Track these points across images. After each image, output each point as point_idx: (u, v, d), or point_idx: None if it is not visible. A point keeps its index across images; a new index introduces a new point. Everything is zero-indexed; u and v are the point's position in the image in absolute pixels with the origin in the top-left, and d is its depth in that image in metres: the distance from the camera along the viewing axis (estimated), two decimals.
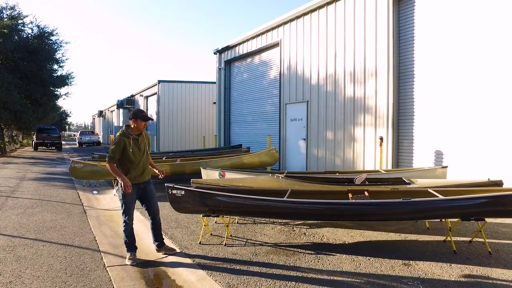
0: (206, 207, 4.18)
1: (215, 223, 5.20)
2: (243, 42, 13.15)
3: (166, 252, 3.98)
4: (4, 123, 21.26)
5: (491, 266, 3.47)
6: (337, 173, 6.41)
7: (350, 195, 4.50)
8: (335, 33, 9.12)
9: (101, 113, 45.59)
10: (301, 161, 10.37)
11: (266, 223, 5.16)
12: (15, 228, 5.09)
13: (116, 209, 6.47)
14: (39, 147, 25.31)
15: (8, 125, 22.63)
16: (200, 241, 4.36)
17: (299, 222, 5.13)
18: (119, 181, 3.71)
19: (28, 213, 5.99)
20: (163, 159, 9.40)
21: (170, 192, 4.18)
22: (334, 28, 9.15)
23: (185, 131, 21.52)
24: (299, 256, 3.82)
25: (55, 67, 22.61)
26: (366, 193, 4.49)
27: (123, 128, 3.80)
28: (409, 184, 4.95)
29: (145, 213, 4.32)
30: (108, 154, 3.67)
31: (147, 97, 24.89)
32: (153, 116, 23.53)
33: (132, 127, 3.79)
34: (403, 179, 5.22)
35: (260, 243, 4.30)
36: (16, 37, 19.10)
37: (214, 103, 17.67)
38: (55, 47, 21.68)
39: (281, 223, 5.14)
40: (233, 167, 8.37)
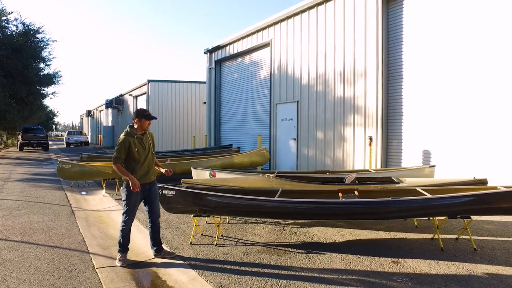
0: (196, 207, 4.17)
1: (205, 223, 5.19)
2: (234, 42, 13.14)
3: (165, 257, 3.85)
4: None
5: (476, 262, 3.56)
6: (327, 173, 6.46)
7: (340, 195, 4.54)
8: (325, 34, 9.19)
9: (89, 113, 44.91)
10: (291, 160, 10.41)
11: (257, 223, 5.17)
12: None
13: (105, 210, 6.39)
14: (24, 148, 24.75)
15: None
16: (191, 241, 4.34)
17: (289, 222, 5.15)
18: (124, 181, 3.68)
19: (13, 215, 5.86)
20: None
21: (161, 192, 4.15)
22: (324, 29, 9.22)
23: (175, 131, 21.37)
24: (290, 255, 3.84)
25: (42, 65, 22.23)
26: (356, 192, 4.54)
27: (127, 128, 3.76)
28: (398, 183, 5.03)
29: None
30: (114, 154, 3.64)
31: (136, 96, 24.63)
32: None
33: (136, 126, 3.74)
34: (392, 178, 5.31)
35: (251, 242, 4.31)
36: None
37: (205, 103, 17.58)
38: (41, 45, 21.29)
39: (272, 222, 5.16)
40: (224, 167, 8.36)
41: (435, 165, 6.26)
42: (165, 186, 4.15)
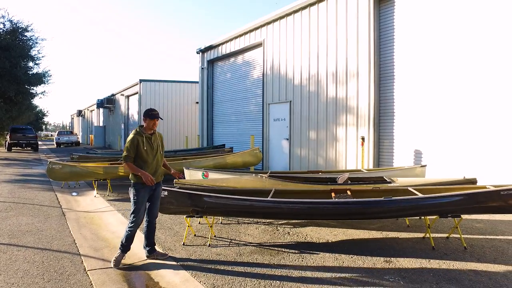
0: (189, 207, 4.14)
1: (198, 223, 5.16)
2: (226, 41, 13.11)
3: (158, 258, 3.83)
4: None
5: (466, 260, 3.61)
6: (320, 173, 6.49)
7: (333, 195, 4.57)
8: (318, 34, 9.23)
9: (80, 113, 44.35)
10: (284, 161, 10.43)
11: (250, 223, 5.16)
12: None
13: (97, 211, 6.31)
14: (13, 148, 24.31)
15: None
16: (183, 242, 4.31)
17: (282, 222, 5.16)
18: (132, 181, 3.69)
19: (1, 217, 5.74)
20: None
21: None
22: (317, 29, 9.26)
23: (167, 131, 21.22)
24: (283, 256, 3.85)
25: (31, 64, 21.86)
26: (349, 192, 4.57)
27: (137, 128, 3.83)
28: (390, 183, 5.08)
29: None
30: (123, 153, 3.67)
31: (128, 96, 24.40)
32: (134, 115, 23.10)
33: (145, 126, 3.81)
34: (384, 178, 5.35)
35: (244, 243, 4.30)
36: None
37: (197, 102, 17.50)
38: (30, 43, 20.94)
39: (265, 222, 5.16)
40: (216, 167, 8.33)
41: (426, 165, 6.34)
42: None
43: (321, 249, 4.03)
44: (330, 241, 4.35)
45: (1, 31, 19.50)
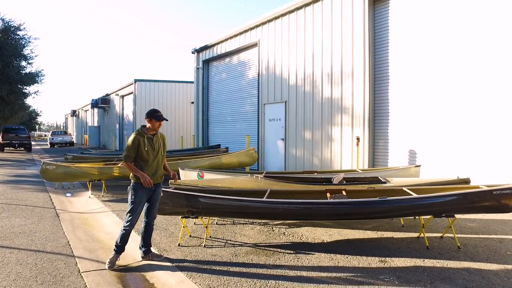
0: (185, 208, 4.13)
1: (194, 224, 5.15)
2: (222, 42, 13.09)
3: (153, 259, 3.80)
4: None
5: (460, 259, 3.65)
6: (315, 173, 6.51)
7: (329, 195, 4.58)
8: (313, 35, 9.26)
9: (74, 113, 43.98)
10: (279, 161, 10.44)
11: (246, 224, 5.16)
12: None
13: (91, 212, 6.26)
14: (5, 148, 24.03)
15: None
16: (179, 243, 4.29)
17: (278, 222, 5.16)
18: (131, 180, 3.67)
19: None
20: None
21: None
22: (312, 30, 9.28)
23: (162, 131, 21.01)
24: (279, 256, 3.85)
25: (23, 63, 21.61)
26: (344, 193, 4.59)
27: (138, 128, 3.82)
28: (385, 183, 5.11)
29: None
30: (124, 153, 3.64)
31: (123, 96, 24.25)
32: (129, 115, 22.96)
33: (147, 126, 3.78)
34: (379, 178, 5.38)
35: (240, 243, 4.30)
36: None
37: (192, 102, 17.45)
38: (23, 42, 20.70)
39: (260, 223, 5.16)
40: (212, 167, 8.31)
41: (421, 165, 6.38)
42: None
43: (316, 249, 4.04)
44: (325, 241, 4.36)
45: None
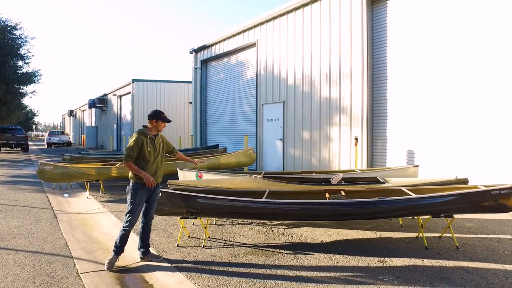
0: (183, 209, 4.12)
1: (192, 225, 5.13)
2: (220, 42, 13.07)
3: (152, 260, 3.79)
4: None
5: (459, 259, 3.66)
6: (314, 173, 6.51)
7: (327, 195, 4.58)
8: (311, 35, 9.26)
9: (71, 113, 43.81)
10: (278, 161, 10.44)
11: (244, 224, 5.15)
12: None
13: (89, 213, 6.23)
14: (2, 149, 23.90)
15: None
16: (178, 244, 4.28)
17: (277, 222, 5.16)
18: (130, 180, 3.67)
19: None
20: None
21: None
22: (310, 30, 9.28)
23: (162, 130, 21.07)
24: (278, 256, 3.85)
25: (20, 63, 21.50)
26: (343, 193, 4.59)
27: (141, 128, 3.79)
28: (384, 183, 5.12)
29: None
30: (125, 152, 3.61)
31: (120, 96, 24.18)
32: (127, 116, 22.90)
33: (150, 127, 3.77)
34: (377, 178, 5.39)
35: (239, 244, 4.29)
36: None
37: (190, 102, 17.42)
38: (20, 42, 20.58)
39: (259, 223, 5.15)
40: (210, 167, 8.30)
41: (419, 165, 6.40)
42: None
43: (315, 250, 4.04)
44: (324, 241, 4.36)
45: None
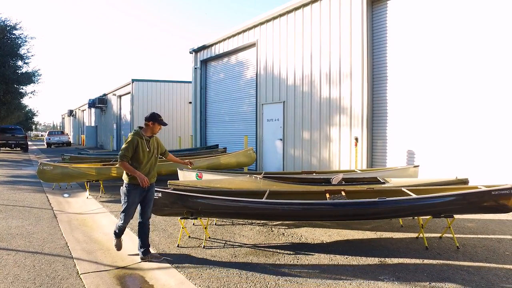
0: (184, 209, 4.12)
1: (193, 225, 5.13)
2: (220, 42, 13.06)
3: (152, 260, 3.79)
4: None
5: (459, 260, 3.66)
6: (314, 173, 6.51)
7: (328, 195, 4.58)
8: (311, 35, 9.26)
9: (71, 113, 43.77)
10: (278, 161, 10.44)
11: (245, 224, 5.15)
12: None
13: (89, 213, 6.23)
14: (2, 148, 23.87)
15: None
16: (178, 244, 4.28)
17: (277, 223, 5.16)
18: (124, 180, 3.74)
19: None
20: None
21: None
22: (310, 30, 9.28)
23: (160, 131, 21.01)
24: (278, 257, 3.85)
25: (20, 63, 21.49)
26: (343, 193, 4.59)
27: (136, 129, 3.86)
28: (384, 183, 5.12)
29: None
30: (120, 152, 3.68)
31: (120, 96, 24.16)
32: (126, 115, 22.89)
33: (146, 128, 3.85)
34: (378, 178, 5.39)
35: (239, 244, 4.29)
36: None
37: (190, 102, 17.41)
38: (19, 42, 20.56)
39: (259, 223, 5.15)
40: (210, 167, 8.30)
41: (419, 165, 6.40)
42: None
43: (316, 250, 4.04)
44: (324, 241, 4.36)
45: None
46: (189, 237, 4.58)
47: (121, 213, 3.79)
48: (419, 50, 7.19)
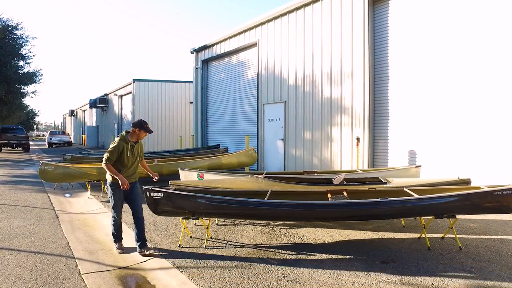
0: (185, 209, 4.11)
1: (194, 225, 5.13)
2: (221, 41, 13.06)
3: (147, 252, 3.98)
4: None
5: (461, 260, 3.65)
6: (316, 173, 6.50)
7: (329, 196, 4.57)
8: (312, 35, 9.25)
9: (72, 112, 43.83)
10: (279, 161, 10.43)
11: (246, 224, 5.14)
12: None
13: (91, 213, 6.23)
14: (3, 148, 23.93)
15: None
16: (180, 244, 4.28)
17: (278, 223, 5.15)
18: (107, 179, 4.08)
19: None
20: None
21: (149, 195, 4.08)
22: (312, 30, 9.27)
23: (161, 131, 21.08)
24: (280, 257, 3.83)
25: (21, 63, 21.49)
26: (345, 193, 4.58)
27: (123, 133, 4.11)
28: (386, 183, 5.10)
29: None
30: (106, 155, 3.93)
31: (121, 96, 24.18)
32: (127, 115, 22.91)
33: (132, 134, 4.10)
34: (380, 178, 5.37)
35: (241, 244, 4.28)
36: None
37: (191, 102, 17.41)
38: (21, 42, 20.58)
39: (261, 224, 5.14)
40: (211, 167, 8.30)
41: (421, 165, 6.38)
42: (153, 188, 4.08)
43: (317, 250, 4.03)
44: (326, 242, 4.35)
45: None
46: (190, 237, 4.58)
47: (112, 209, 4.13)
48: (420, 50, 7.17)
